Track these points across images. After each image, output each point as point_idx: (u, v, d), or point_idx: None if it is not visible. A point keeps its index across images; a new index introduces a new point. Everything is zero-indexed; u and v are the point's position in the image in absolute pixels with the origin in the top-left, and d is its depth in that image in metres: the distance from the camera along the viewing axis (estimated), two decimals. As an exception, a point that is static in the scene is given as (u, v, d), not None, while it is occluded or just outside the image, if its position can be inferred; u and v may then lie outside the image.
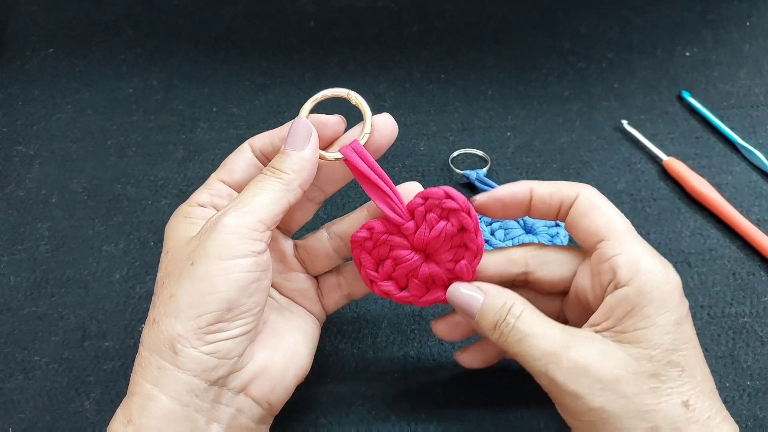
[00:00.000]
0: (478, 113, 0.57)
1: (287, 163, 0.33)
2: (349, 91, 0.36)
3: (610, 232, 0.32)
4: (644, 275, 0.31)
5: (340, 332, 0.44)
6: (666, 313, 0.31)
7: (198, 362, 0.30)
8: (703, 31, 0.62)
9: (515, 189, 0.35)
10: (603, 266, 0.32)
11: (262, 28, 0.63)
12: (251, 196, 0.32)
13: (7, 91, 0.59)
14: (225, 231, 0.31)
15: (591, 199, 0.34)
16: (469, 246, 0.35)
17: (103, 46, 0.62)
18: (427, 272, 0.36)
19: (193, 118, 0.57)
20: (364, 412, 0.41)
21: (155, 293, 0.33)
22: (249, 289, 0.31)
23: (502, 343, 0.32)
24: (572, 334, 0.32)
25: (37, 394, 0.42)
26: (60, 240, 0.49)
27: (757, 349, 0.43)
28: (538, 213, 0.35)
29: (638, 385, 0.30)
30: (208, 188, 0.35)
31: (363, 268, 0.36)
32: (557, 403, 0.32)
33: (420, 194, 0.35)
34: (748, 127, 0.55)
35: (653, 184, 0.52)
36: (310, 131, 0.34)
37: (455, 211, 0.34)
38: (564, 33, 0.62)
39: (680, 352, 0.30)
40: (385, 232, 0.35)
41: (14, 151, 0.55)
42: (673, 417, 0.29)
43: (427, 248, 0.36)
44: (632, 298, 0.31)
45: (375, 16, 0.64)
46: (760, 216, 0.49)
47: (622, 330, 0.31)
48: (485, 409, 0.41)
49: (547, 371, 0.31)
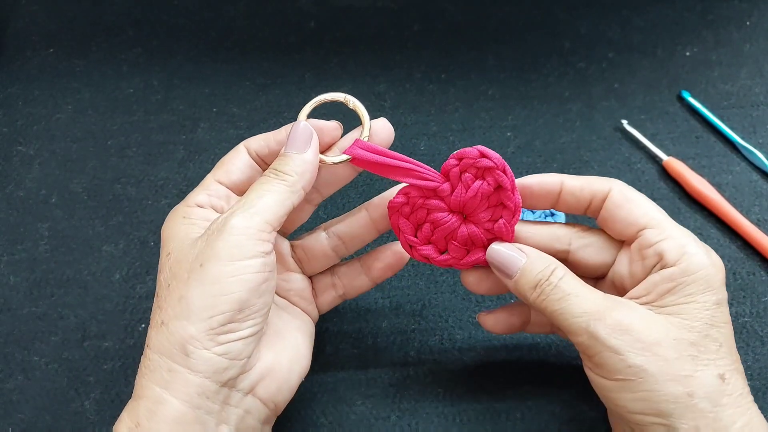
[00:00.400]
0: (478, 113, 0.57)
1: (290, 166, 0.33)
2: (346, 96, 0.36)
3: (651, 221, 0.33)
4: (691, 257, 0.32)
5: (340, 332, 0.44)
6: (708, 292, 0.31)
7: (210, 363, 0.30)
8: (703, 31, 0.62)
9: (546, 180, 0.35)
10: (647, 251, 0.33)
11: (262, 28, 0.63)
12: (256, 197, 0.32)
13: (7, 91, 0.59)
14: (234, 232, 0.31)
15: (624, 192, 0.34)
16: (507, 204, 0.35)
17: (103, 46, 0.62)
18: (466, 233, 0.35)
19: (193, 118, 0.57)
20: (364, 412, 0.41)
21: (158, 295, 0.32)
22: (259, 290, 0.31)
23: (541, 302, 0.33)
24: (614, 299, 0.32)
25: (37, 395, 0.42)
26: (60, 240, 0.49)
27: (757, 349, 0.43)
28: (566, 206, 0.35)
29: (678, 351, 0.30)
30: (205, 189, 0.35)
31: (402, 234, 0.36)
32: (592, 362, 0.32)
33: (454, 155, 0.35)
34: (748, 127, 0.55)
35: (653, 184, 0.52)
36: (311, 134, 0.35)
37: (491, 169, 0.34)
38: (564, 33, 0.62)
39: (719, 329, 0.31)
40: (422, 196, 0.35)
41: (14, 151, 0.55)
42: (709, 386, 0.30)
43: (465, 209, 0.35)
44: (677, 277, 0.32)
45: (375, 16, 0.64)
46: (760, 216, 0.49)
47: (663, 304, 0.32)
48: (485, 408, 0.41)
49: (589, 326, 0.31)
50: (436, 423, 0.40)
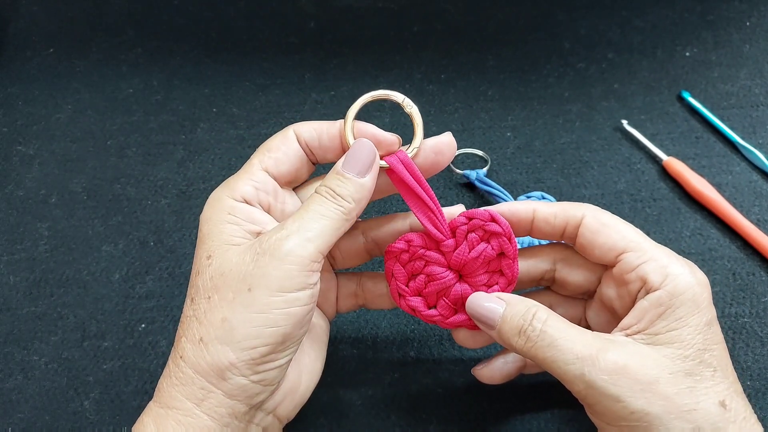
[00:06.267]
0: (478, 114, 0.57)
1: (349, 191, 0.31)
2: (405, 98, 0.34)
3: (629, 244, 0.33)
4: (675, 278, 0.31)
5: (340, 332, 0.44)
6: (697, 314, 0.31)
7: (245, 389, 0.30)
8: (703, 32, 0.62)
9: (517, 207, 0.35)
10: (629, 276, 0.32)
11: (262, 28, 0.63)
12: (312, 220, 0.31)
13: (7, 91, 0.59)
14: (287, 261, 0.29)
15: (598, 218, 0.34)
16: (505, 272, 0.35)
17: (103, 46, 0.62)
18: (459, 292, 0.35)
19: (193, 119, 0.57)
20: (364, 412, 0.41)
21: (194, 301, 0.31)
22: (302, 321, 0.31)
23: (529, 349, 0.31)
24: (604, 338, 0.31)
25: (37, 394, 0.42)
26: (59, 240, 0.49)
27: (757, 349, 0.43)
28: (541, 233, 0.35)
29: (676, 385, 0.30)
30: (252, 177, 0.33)
31: (394, 281, 0.36)
32: (592, 410, 0.31)
33: (464, 213, 0.35)
34: (748, 127, 0.55)
35: (653, 184, 0.52)
36: (373, 159, 0.32)
37: (497, 234, 0.34)
38: (564, 33, 0.62)
39: (711, 352, 0.31)
40: (423, 246, 0.35)
41: (14, 150, 0.55)
42: (713, 417, 0.29)
43: (463, 269, 0.35)
44: (665, 300, 0.31)
45: (375, 17, 0.64)
46: (760, 216, 0.49)
47: (655, 332, 0.31)
48: (485, 408, 0.41)
49: (584, 374, 0.30)
50: (436, 423, 0.40)
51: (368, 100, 0.34)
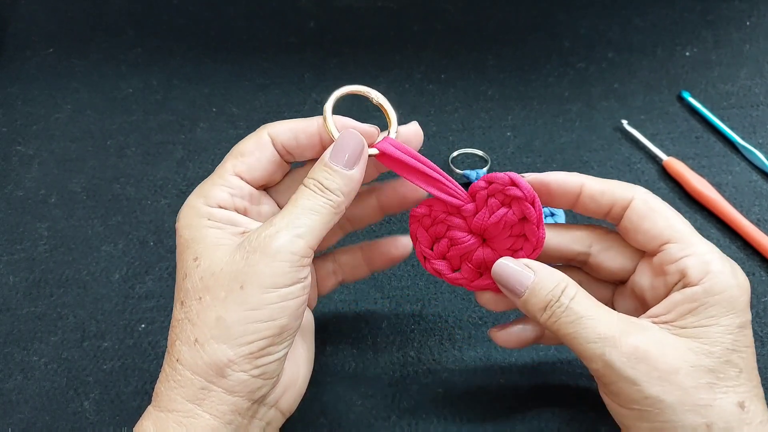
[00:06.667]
0: (478, 113, 0.57)
1: (337, 184, 0.31)
2: (370, 90, 0.34)
3: (675, 234, 0.32)
4: (715, 276, 0.31)
5: (340, 332, 0.44)
6: (731, 315, 0.30)
7: (246, 384, 0.30)
8: (703, 31, 0.62)
9: (567, 179, 0.34)
10: (669, 267, 0.32)
11: (262, 27, 0.63)
12: (301, 215, 0.31)
13: (6, 91, 0.59)
14: (278, 258, 0.29)
15: (648, 202, 0.33)
16: (529, 237, 0.34)
17: (103, 46, 0.62)
18: (482, 257, 0.35)
19: (192, 118, 0.57)
20: (364, 412, 0.41)
21: (185, 304, 0.31)
22: (297, 313, 0.31)
23: (552, 324, 0.31)
24: (630, 321, 0.31)
25: (36, 395, 0.42)
26: (59, 240, 0.49)
27: (757, 349, 0.43)
28: (584, 209, 0.34)
29: (695, 379, 0.29)
30: (226, 183, 0.33)
31: (418, 244, 0.36)
32: (607, 389, 0.31)
33: (484, 177, 0.34)
34: (748, 127, 0.55)
35: (653, 184, 0.52)
36: (362, 149, 0.32)
37: (518, 199, 0.33)
38: (564, 33, 0.62)
39: (740, 354, 0.30)
40: (445, 211, 0.35)
41: (13, 150, 0.55)
42: (728, 416, 0.29)
43: (485, 233, 0.35)
44: (700, 297, 0.30)
45: (375, 16, 0.64)
46: (760, 216, 0.49)
47: (683, 326, 0.31)
48: (485, 408, 0.41)
49: (604, 354, 0.30)
50: (436, 423, 0.40)
51: (337, 98, 0.34)
